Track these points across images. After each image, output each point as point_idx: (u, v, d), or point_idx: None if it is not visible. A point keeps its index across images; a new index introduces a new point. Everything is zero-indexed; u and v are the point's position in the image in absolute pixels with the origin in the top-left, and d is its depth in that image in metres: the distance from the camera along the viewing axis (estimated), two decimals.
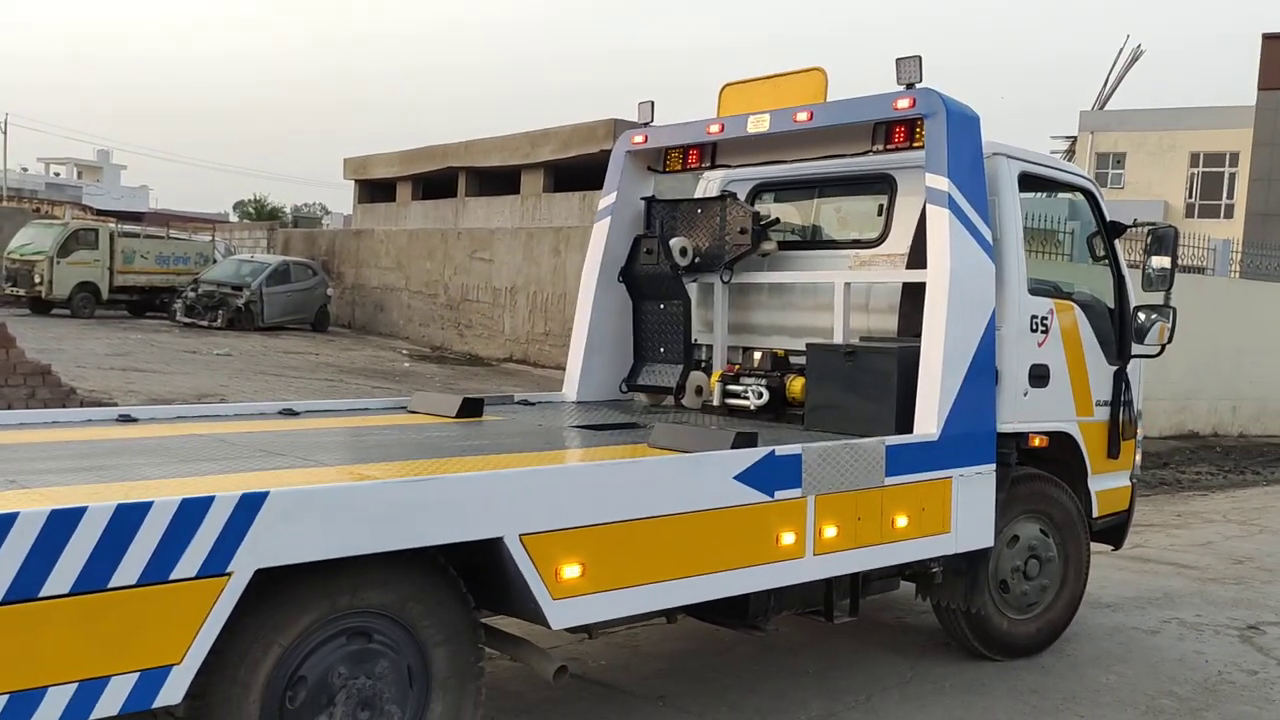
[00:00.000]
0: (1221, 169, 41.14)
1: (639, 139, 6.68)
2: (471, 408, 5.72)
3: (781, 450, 4.40)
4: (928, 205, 5.30)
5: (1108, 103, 45.72)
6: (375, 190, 32.65)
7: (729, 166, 6.68)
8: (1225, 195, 42.42)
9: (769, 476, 4.34)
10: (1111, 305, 6.42)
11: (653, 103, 6.64)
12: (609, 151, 6.99)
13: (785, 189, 6.78)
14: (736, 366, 6.29)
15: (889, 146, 5.73)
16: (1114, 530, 6.58)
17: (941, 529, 5.10)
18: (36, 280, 25.31)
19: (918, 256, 5.80)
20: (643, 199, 6.86)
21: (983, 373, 5.28)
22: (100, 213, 44.99)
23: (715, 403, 6.22)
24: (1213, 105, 41.16)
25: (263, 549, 3.09)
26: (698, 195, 6.98)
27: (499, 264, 23.68)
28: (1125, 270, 6.48)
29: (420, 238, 26.74)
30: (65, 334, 20.42)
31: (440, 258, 25.64)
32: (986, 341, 5.29)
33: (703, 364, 6.80)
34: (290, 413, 5.62)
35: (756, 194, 6.88)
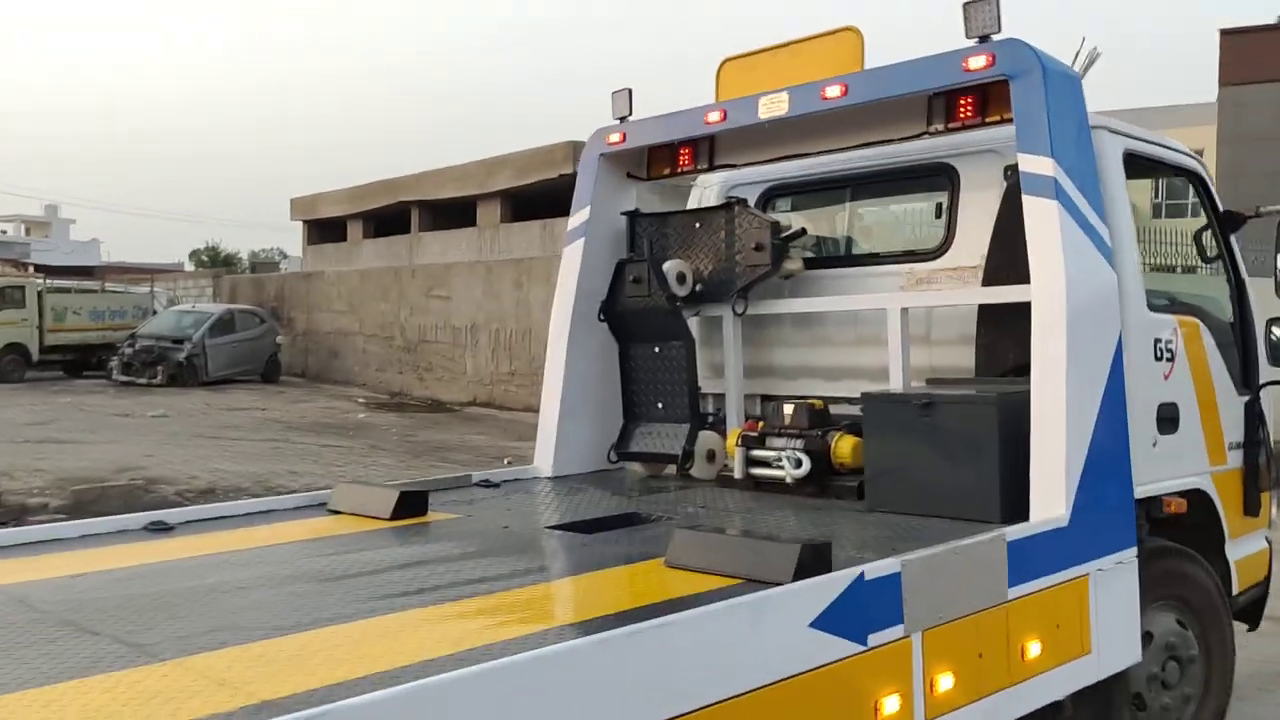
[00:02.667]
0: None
1: (615, 137, 5.20)
2: (412, 504, 4.18)
3: (873, 571, 2.90)
4: (1026, 198, 3.85)
5: None
6: (325, 230, 31.09)
7: (733, 166, 5.21)
8: (1191, 194, 41.65)
9: (859, 613, 2.84)
10: (1230, 318, 5.01)
11: (630, 90, 5.17)
12: (570, 176, 5.53)
13: (808, 191, 5.32)
14: (760, 424, 4.80)
15: (952, 125, 4.30)
16: (1251, 606, 5.14)
17: (1080, 650, 3.62)
18: None
19: (999, 268, 4.36)
20: (624, 213, 5.38)
21: (1115, 421, 3.83)
22: (50, 269, 42.79)
23: (736, 473, 4.72)
24: (1174, 103, 40.52)
25: None
26: (694, 205, 5.51)
27: (457, 301, 22.11)
28: (1245, 272, 5.07)
29: (373, 277, 25.14)
30: None
31: (395, 297, 24.03)
32: (1116, 378, 3.84)
33: (713, 420, 5.31)
34: (160, 527, 4.06)
35: (770, 199, 5.42)
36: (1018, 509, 3.77)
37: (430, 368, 22.88)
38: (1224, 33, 35.46)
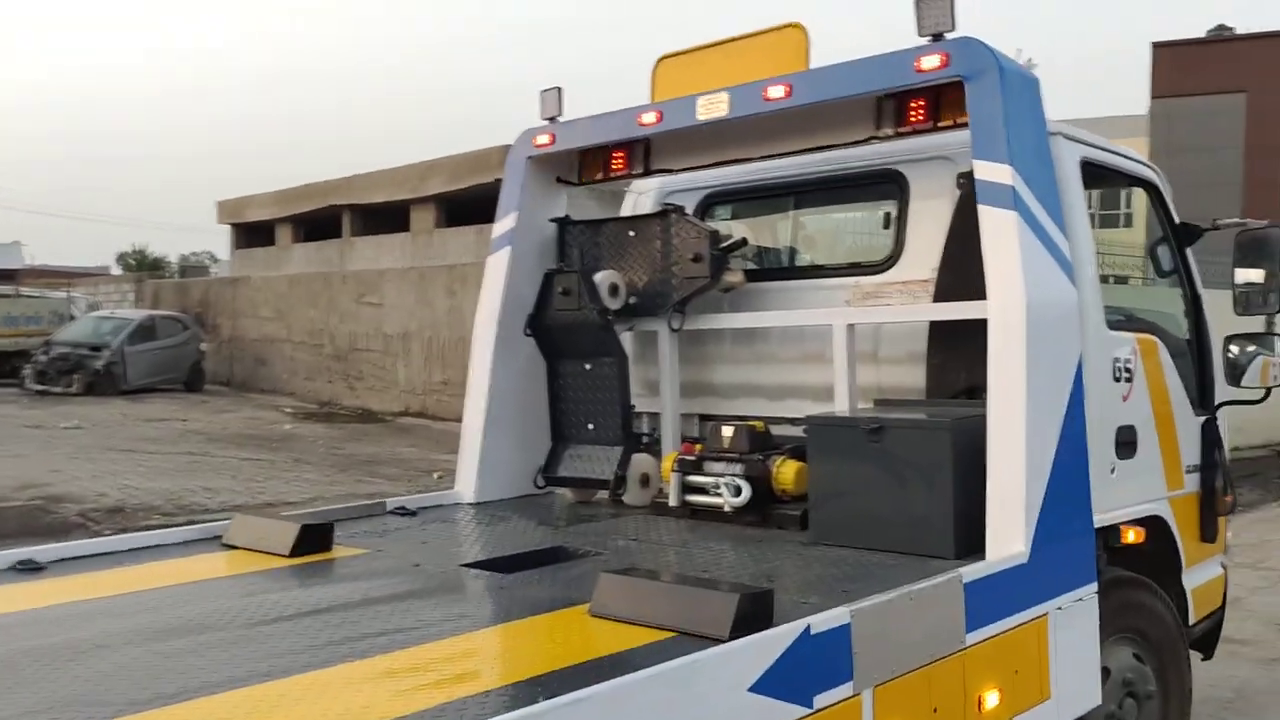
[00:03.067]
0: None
1: (543, 139, 4.86)
2: (314, 538, 3.79)
3: (821, 623, 2.59)
4: (982, 208, 3.58)
5: None
6: (253, 234, 30.27)
7: (669, 171, 4.89)
8: (1124, 205, 42.46)
9: (804, 672, 2.53)
10: (1187, 335, 4.80)
11: (559, 89, 4.83)
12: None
13: (750, 199, 5.03)
14: (698, 446, 4.48)
15: (902, 129, 4.03)
16: (1207, 635, 4.93)
17: (1039, 696, 3.35)
18: None
19: (951, 283, 4.10)
20: (553, 221, 5.04)
21: (1076, 448, 3.58)
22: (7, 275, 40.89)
23: (671, 501, 4.39)
24: (1106, 115, 41.20)
25: None
26: (629, 213, 5.19)
27: (389, 308, 21.55)
28: (1201, 288, 4.87)
29: (302, 283, 24.46)
30: None
31: (324, 304, 23.39)
32: (1077, 401, 3.59)
33: (648, 442, 4.99)
34: (29, 567, 3.62)
35: (708, 207, 5.11)
36: (972, 543, 3.50)
37: (361, 376, 22.28)
38: (1156, 45, 36.14)
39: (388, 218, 24.85)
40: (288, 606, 3.04)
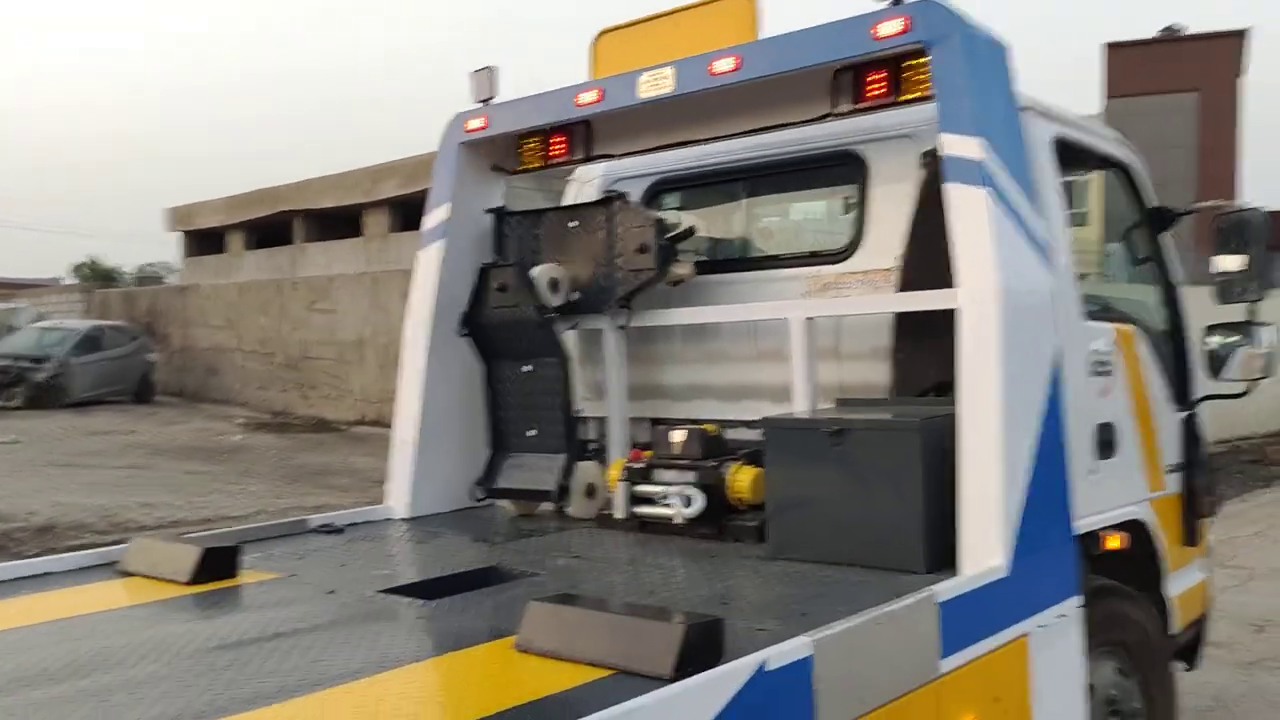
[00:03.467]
0: (1074, 176, 41.30)
1: (476, 123, 4.50)
2: (217, 564, 3.40)
3: (779, 657, 2.24)
4: (950, 186, 3.26)
5: None
6: (204, 241, 29.59)
7: (611, 156, 4.54)
8: (1079, 204, 42.67)
9: (760, 715, 2.18)
10: (1164, 326, 4.52)
11: (492, 69, 4.47)
12: None
13: (699, 185, 4.69)
14: (646, 454, 4.13)
15: (861, 105, 3.71)
16: (1190, 646, 4.65)
17: None
18: None
19: (916, 271, 3.78)
20: (489, 211, 4.68)
21: (1054, 449, 3.27)
22: None
23: (618, 513, 4.04)
24: None
25: None
26: (570, 201, 4.84)
27: (342, 314, 21.04)
28: (1178, 275, 4.60)
29: (252, 290, 23.86)
30: None
31: (276, 312, 22.82)
32: (1055, 398, 3.28)
33: (593, 449, 4.64)
34: None
35: (655, 195, 4.77)
36: (943, 555, 3.19)
37: (314, 385, 21.75)
38: (1110, 46, 36.33)
39: (340, 223, 24.33)
40: (169, 648, 2.65)
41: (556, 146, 4.53)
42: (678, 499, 3.82)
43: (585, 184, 4.93)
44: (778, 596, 2.97)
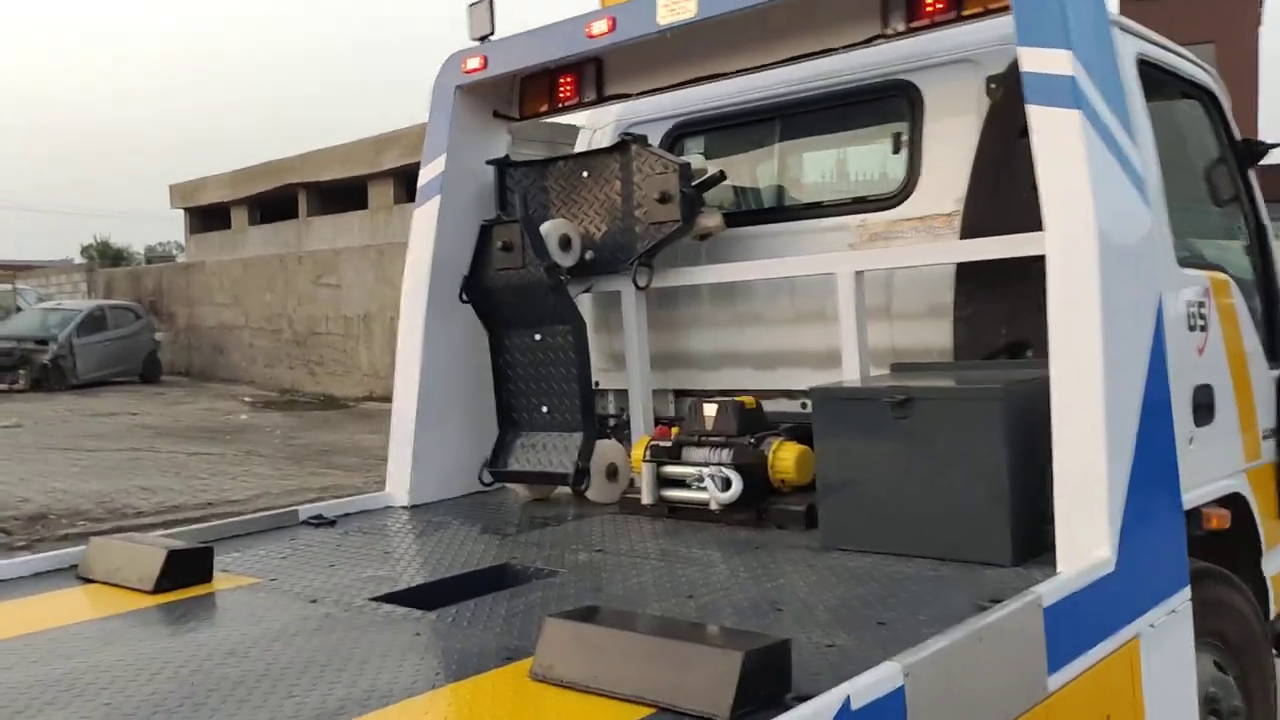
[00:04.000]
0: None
1: (473, 63, 4.00)
2: (185, 569, 2.94)
3: (864, 692, 1.77)
4: (1035, 109, 2.75)
5: None
6: (209, 218, 29.14)
7: (626, 96, 4.03)
8: None
9: None
10: (1252, 273, 4.02)
11: (491, 2, 3.96)
12: None
13: (727, 126, 4.17)
14: (674, 430, 3.66)
15: (916, 24, 3.21)
16: None
17: None
18: None
19: (982, 215, 3.29)
20: (490, 163, 4.19)
21: (1160, 415, 2.78)
22: None
23: (645, 498, 3.56)
24: None
25: None
26: (582, 149, 4.34)
27: (348, 289, 20.57)
28: (1266, 217, 4.08)
29: (257, 266, 23.40)
30: None
31: (281, 287, 22.35)
32: (1159, 356, 2.78)
33: (616, 424, 4.17)
34: None
35: (677, 140, 4.27)
36: (1030, 543, 2.71)
37: (322, 361, 21.31)
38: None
39: (345, 195, 23.84)
40: (117, 676, 2.20)
41: (564, 87, 4.03)
42: (712, 481, 3.34)
43: (598, 131, 4.43)
44: (841, 599, 2.49)
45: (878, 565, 2.77)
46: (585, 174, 4.03)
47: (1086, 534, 2.53)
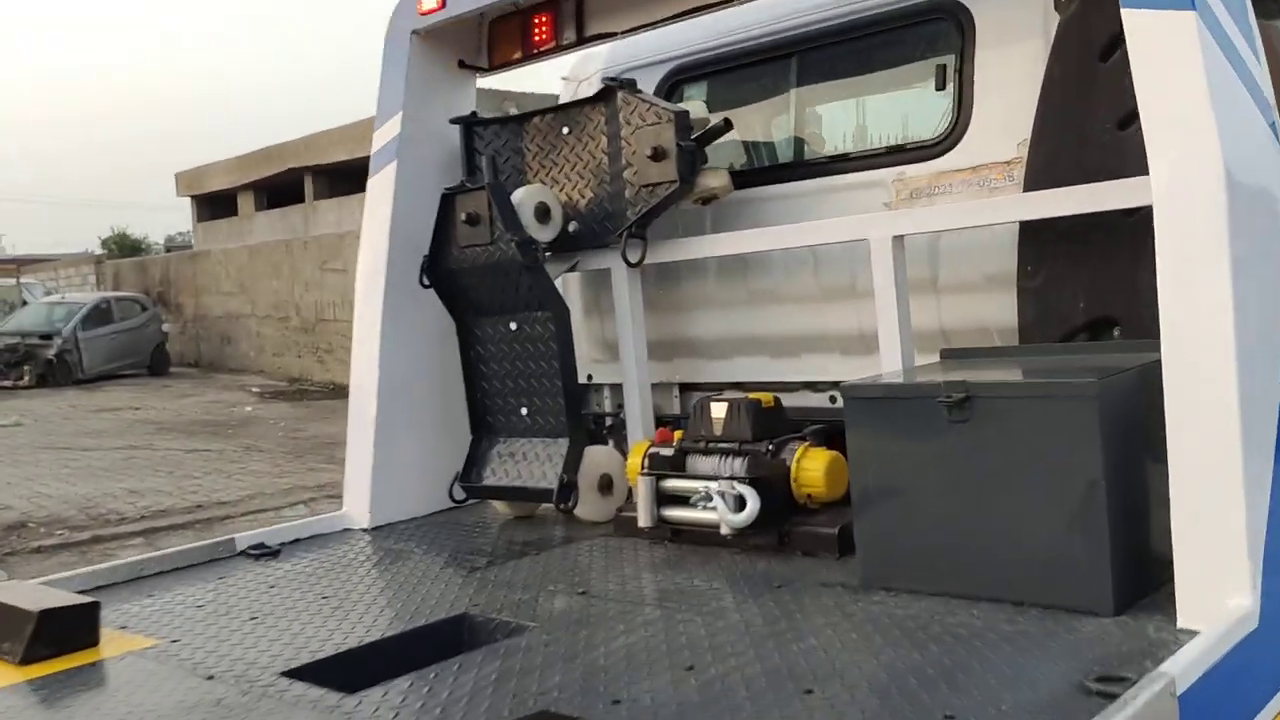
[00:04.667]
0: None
1: (430, 3, 3.36)
2: (65, 630, 2.35)
3: None
4: (1134, 14, 2.08)
5: None
6: (215, 205, 28.66)
7: (612, 36, 3.37)
8: None
9: None
10: None
11: None
12: None
13: (733, 68, 3.51)
14: (676, 434, 3.03)
15: None
16: None
17: None
18: None
19: (1054, 158, 2.63)
20: (455, 122, 3.56)
21: None
22: None
23: (642, 519, 2.93)
24: None
25: None
26: (566, 100, 3.69)
27: (354, 274, 19.96)
28: None
29: (262, 253, 22.86)
30: None
31: (287, 274, 21.80)
32: None
33: (611, 426, 3.56)
34: None
35: (674, 87, 3.62)
36: (1136, 583, 2.08)
37: (331, 349, 20.76)
38: None
39: (351, 177, 23.21)
40: None
41: (539, 29, 3.39)
42: (722, 499, 2.71)
43: (583, 84, 3.78)
44: (890, 672, 1.86)
45: (935, 615, 2.14)
46: (566, 130, 3.39)
47: (1218, 576, 1.89)
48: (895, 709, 1.71)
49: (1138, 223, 2.41)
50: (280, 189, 25.74)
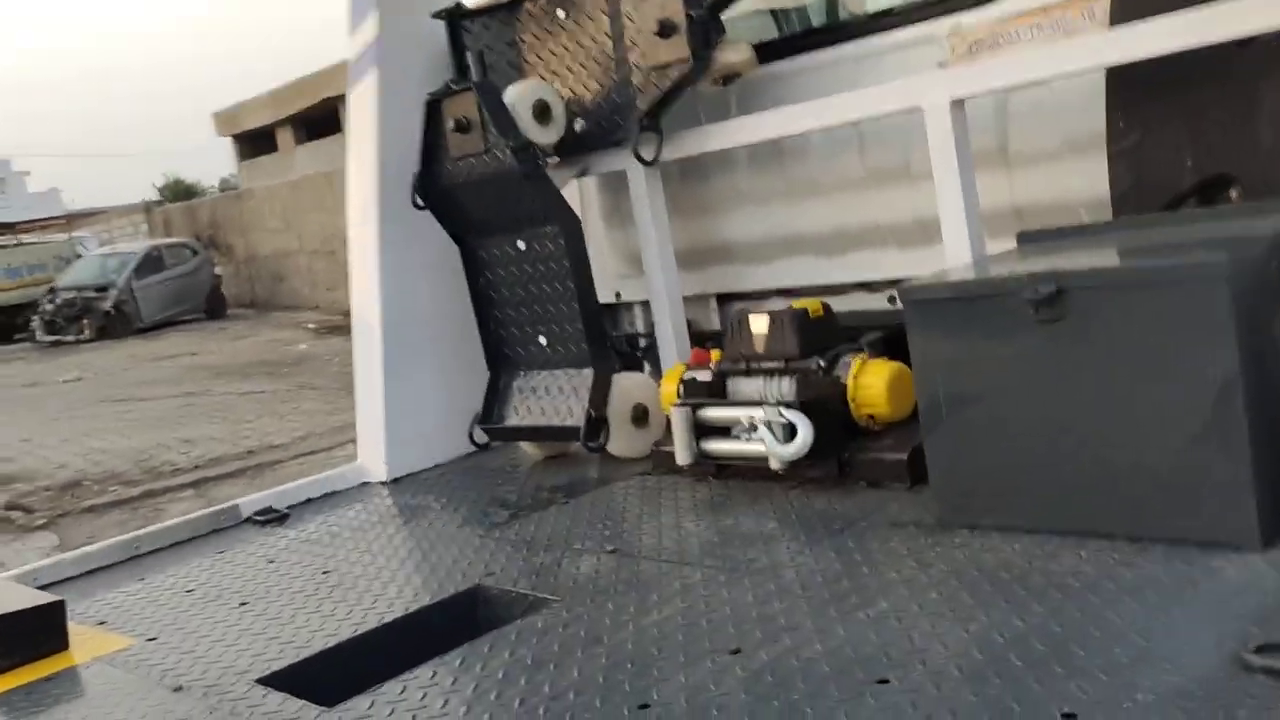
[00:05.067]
0: None
1: None
2: (28, 636, 2.06)
3: None
4: None
5: None
6: (256, 142, 28.42)
7: None
8: None
9: None
10: None
11: None
12: None
13: None
14: (714, 354, 2.64)
15: None
16: None
17: None
18: None
19: None
20: (438, 16, 3.13)
21: None
22: (7, 226, 39.18)
23: (679, 456, 2.55)
24: None
25: None
26: None
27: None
28: None
29: (304, 187, 22.63)
30: None
31: (332, 205, 21.47)
32: None
33: (646, 348, 3.18)
34: None
35: None
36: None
37: None
38: None
39: None
40: None
41: None
42: (769, 432, 2.32)
43: None
44: (984, 646, 1.48)
45: (1033, 560, 1.75)
46: (562, 14, 2.95)
47: None
48: (996, 704, 1.33)
49: (1254, 55, 1.94)
50: (317, 121, 25.39)
